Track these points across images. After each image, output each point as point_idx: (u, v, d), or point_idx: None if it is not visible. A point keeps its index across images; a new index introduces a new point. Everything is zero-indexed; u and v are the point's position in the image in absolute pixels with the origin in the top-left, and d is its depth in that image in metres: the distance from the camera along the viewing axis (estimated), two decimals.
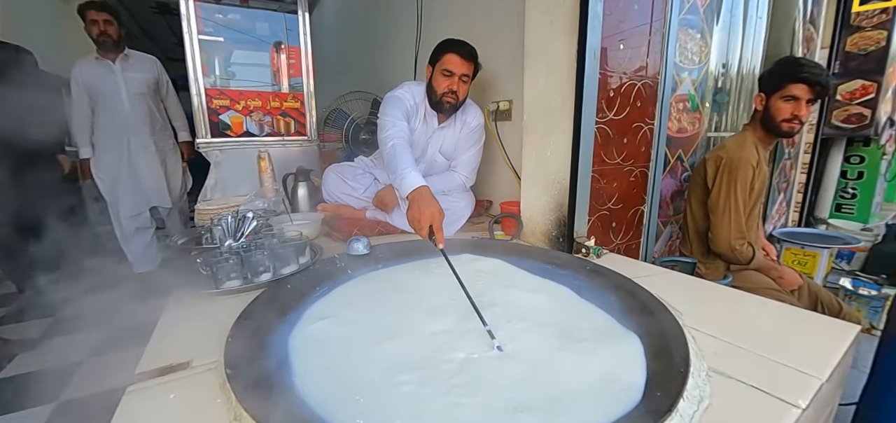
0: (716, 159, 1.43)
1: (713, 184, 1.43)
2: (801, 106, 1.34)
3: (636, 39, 1.25)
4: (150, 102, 2.43)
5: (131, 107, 2.34)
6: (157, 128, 2.49)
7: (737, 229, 1.40)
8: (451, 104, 1.46)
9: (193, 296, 0.96)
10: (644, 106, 1.34)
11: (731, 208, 1.39)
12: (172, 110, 2.63)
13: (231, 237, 1.18)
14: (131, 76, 2.34)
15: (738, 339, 0.72)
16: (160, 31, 6.17)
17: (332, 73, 4.14)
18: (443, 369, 0.64)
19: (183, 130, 2.70)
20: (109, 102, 2.31)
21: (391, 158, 1.24)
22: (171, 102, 2.61)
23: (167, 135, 2.58)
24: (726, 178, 1.39)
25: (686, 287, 1.01)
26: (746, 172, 1.38)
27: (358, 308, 0.86)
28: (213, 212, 1.68)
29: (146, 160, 2.44)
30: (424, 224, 1.00)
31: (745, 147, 1.40)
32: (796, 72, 1.33)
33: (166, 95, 2.58)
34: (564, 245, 1.24)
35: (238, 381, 0.57)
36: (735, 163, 1.38)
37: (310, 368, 0.65)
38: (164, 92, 2.56)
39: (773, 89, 1.38)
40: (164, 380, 0.64)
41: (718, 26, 1.56)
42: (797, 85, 1.33)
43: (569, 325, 0.78)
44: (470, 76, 1.47)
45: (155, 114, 2.47)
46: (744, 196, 1.39)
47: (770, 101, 1.39)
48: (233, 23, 2.16)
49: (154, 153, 2.46)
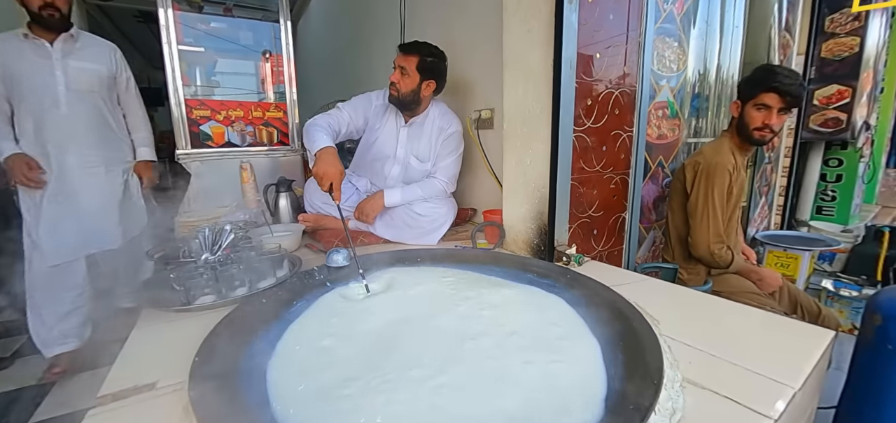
0: (694, 165, 1.45)
1: (692, 189, 1.45)
2: (771, 115, 1.35)
3: (613, 48, 1.26)
4: (102, 103, 1.74)
5: (70, 108, 1.64)
6: (109, 140, 1.79)
7: (715, 233, 1.41)
8: (393, 96, 1.55)
9: (165, 313, 0.93)
10: (623, 114, 1.35)
11: (710, 213, 1.40)
12: (133, 117, 1.89)
13: (208, 251, 1.15)
14: (75, 65, 1.65)
15: (713, 347, 0.72)
16: (145, 40, 6.11)
17: (318, 82, 4.12)
18: (416, 383, 0.63)
19: (144, 144, 1.92)
20: (38, 98, 1.60)
21: (308, 129, 1.37)
22: (132, 105, 1.87)
23: (123, 150, 1.86)
24: (704, 183, 1.40)
25: (665, 295, 1.02)
26: (723, 177, 1.39)
27: (332, 325, 0.84)
28: (193, 224, 1.65)
29: (88, 185, 1.70)
30: (326, 181, 1.17)
31: (721, 153, 1.42)
32: (768, 80, 1.34)
33: (125, 94, 1.85)
34: (546, 253, 1.24)
35: (201, 405, 0.55)
36: (712, 168, 1.39)
37: (277, 390, 0.63)
38: (122, 90, 1.84)
39: (747, 97, 1.40)
40: (127, 403, 0.62)
41: (695, 34, 1.59)
42: (769, 94, 1.34)
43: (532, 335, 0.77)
44: (410, 69, 1.50)
45: (106, 120, 1.77)
46: (721, 201, 1.40)
47: (744, 108, 1.40)
48: (216, 31, 2.14)
49: (101, 176, 1.74)
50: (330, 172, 1.17)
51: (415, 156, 1.62)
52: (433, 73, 1.54)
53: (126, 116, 1.89)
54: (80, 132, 1.68)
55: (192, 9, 2.13)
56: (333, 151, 1.24)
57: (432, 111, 1.60)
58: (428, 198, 1.55)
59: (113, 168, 1.80)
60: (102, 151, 1.75)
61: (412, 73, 1.50)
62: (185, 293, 0.99)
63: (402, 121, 1.62)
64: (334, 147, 1.26)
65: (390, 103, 1.60)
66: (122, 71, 1.82)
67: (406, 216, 1.52)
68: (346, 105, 1.59)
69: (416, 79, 1.51)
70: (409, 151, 1.62)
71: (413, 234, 1.51)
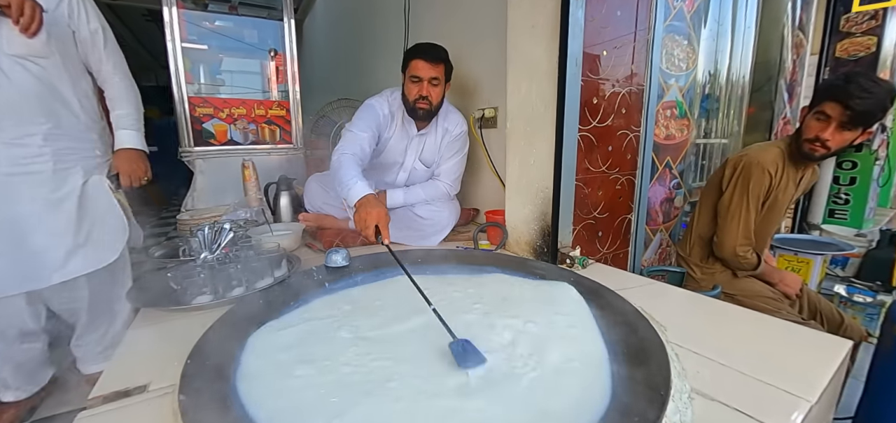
0: (735, 162, 1.36)
1: (727, 186, 1.37)
2: (827, 127, 1.18)
3: (620, 47, 1.23)
4: (54, 72, 1.20)
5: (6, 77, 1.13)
6: (63, 125, 1.24)
7: (744, 234, 1.33)
8: (424, 110, 1.43)
9: (162, 312, 0.92)
10: (629, 113, 1.31)
11: (741, 212, 1.32)
12: (111, 87, 1.35)
13: (207, 250, 1.14)
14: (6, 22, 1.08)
15: (723, 356, 0.69)
16: (153, 39, 6.16)
17: (323, 80, 4.12)
18: (412, 395, 0.61)
19: (126, 125, 1.39)
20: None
21: (337, 170, 1.27)
22: (107, 70, 1.34)
23: (86, 139, 1.31)
24: (740, 181, 1.33)
25: (672, 299, 0.99)
26: (761, 178, 1.30)
27: (326, 329, 0.82)
28: (194, 222, 1.65)
29: (17, 191, 1.17)
30: (371, 224, 1.08)
31: (767, 154, 1.32)
32: (836, 88, 1.17)
33: (95, 53, 1.30)
34: (549, 255, 1.21)
35: (189, 409, 0.54)
36: (751, 166, 1.31)
37: (272, 397, 0.61)
38: (89, 48, 1.29)
39: (813, 104, 1.25)
40: (118, 405, 0.61)
41: (706, 33, 1.55)
42: (830, 103, 1.17)
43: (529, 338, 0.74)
44: (441, 79, 1.42)
45: (60, 95, 1.23)
46: (756, 202, 1.32)
47: (807, 116, 1.27)
48: (221, 30, 2.14)
49: (44, 176, 1.20)
50: (374, 214, 1.09)
51: (421, 161, 1.58)
52: (451, 71, 1.49)
53: (103, 86, 1.35)
54: (11, 115, 1.14)
55: (196, 7, 2.13)
56: (373, 197, 1.17)
57: (439, 116, 1.54)
58: (430, 200, 1.53)
59: (67, 165, 1.23)
60: (51, 141, 1.19)
61: (442, 79, 1.43)
62: (182, 293, 0.98)
63: (414, 130, 1.53)
64: (372, 193, 1.19)
65: (407, 114, 1.49)
66: (82, 19, 1.24)
67: (407, 219, 1.50)
68: (358, 125, 1.42)
69: (443, 85, 1.45)
70: (417, 159, 1.58)
71: (414, 236, 1.49)
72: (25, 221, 1.18)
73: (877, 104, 1.13)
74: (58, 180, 1.22)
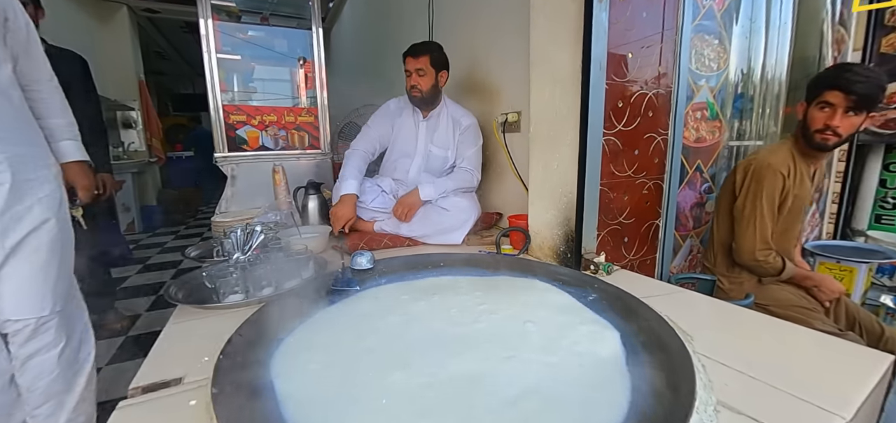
0: (746, 166, 1.35)
1: (740, 191, 1.35)
2: (835, 115, 1.21)
3: (646, 48, 1.20)
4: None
5: None
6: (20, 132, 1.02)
7: (762, 240, 1.31)
8: (416, 97, 1.65)
9: (197, 310, 0.97)
10: (657, 116, 1.28)
11: (757, 218, 1.30)
12: (49, 93, 1.15)
13: (239, 250, 1.19)
14: None
15: (753, 369, 0.66)
16: (190, 49, 6.48)
17: (349, 86, 4.22)
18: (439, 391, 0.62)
19: (71, 136, 1.23)
20: None
21: (345, 162, 1.63)
22: (47, 74, 1.14)
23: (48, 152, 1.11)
24: (753, 185, 1.31)
25: (701, 308, 0.96)
26: (774, 180, 1.29)
27: (350, 329, 0.84)
28: (227, 224, 1.72)
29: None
30: (339, 221, 1.48)
31: (776, 155, 1.31)
32: (833, 77, 1.22)
33: (39, 53, 1.11)
34: (572, 261, 1.20)
35: (221, 401, 0.57)
36: (763, 170, 1.30)
37: (298, 392, 0.64)
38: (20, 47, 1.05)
39: (812, 96, 1.28)
40: (155, 396, 0.65)
41: (738, 31, 1.49)
42: (832, 92, 1.21)
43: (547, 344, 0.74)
44: (426, 69, 1.61)
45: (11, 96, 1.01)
46: (771, 206, 1.30)
47: (808, 109, 1.29)
48: (253, 40, 2.24)
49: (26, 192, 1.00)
50: (344, 214, 1.49)
51: (434, 145, 1.71)
52: (444, 62, 1.67)
53: (30, 94, 1.09)
54: None
55: (231, 19, 2.23)
56: (352, 198, 1.53)
57: (445, 105, 1.73)
58: (458, 188, 1.61)
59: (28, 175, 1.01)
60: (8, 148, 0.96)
61: (428, 69, 1.62)
62: (216, 291, 1.03)
63: (421, 117, 1.73)
64: (354, 195, 1.54)
65: (411, 104, 1.72)
66: (16, 9, 1.04)
67: (432, 212, 1.55)
68: (371, 122, 1.75)
69: (432, 74, 1.63)
70: (429, 143, 1.72)
71: (437, 229, 1.53)
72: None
73: (876, 86, 1.20)
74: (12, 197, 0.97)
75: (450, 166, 1.73)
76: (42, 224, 1.03)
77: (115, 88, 4.48)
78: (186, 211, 5.70)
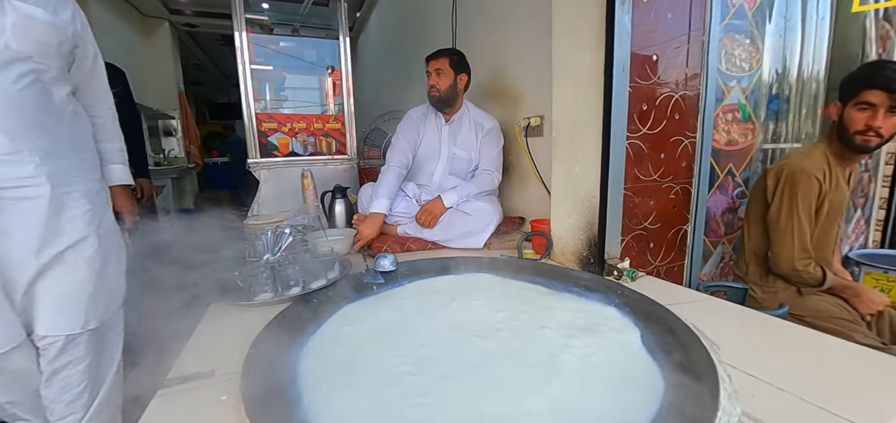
0: (777, 171, 1.30)
1: (773, 198, 1.30)
2: (877, 116, 1.16)
3: (672, 49, 1.18)
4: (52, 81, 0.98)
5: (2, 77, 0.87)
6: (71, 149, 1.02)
7: (801, 248, 1.25)
8: (435, 97, 1.70)
9: (230, 307, 1.02)
10: (684, 118, 1.25)
11: (794, 226, 1.25)
12: (100, 116, 1.16)
13: (269, 251, 1.25)
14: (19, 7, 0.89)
15: (783, 380, 0.64)
16: (226, 60, 6.80)
17: (375, 93, 4.30)
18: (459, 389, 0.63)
19: (121, 160, 1.23)
20: None
21: (380, 177, 1.67)
22: (99, 97, 1.15)
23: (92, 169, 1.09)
24: (787, 192, 1.26)
25: (729, 317, 0.92)
26: (809, 186, 1.23)
27: (374, 327, 0.87)
28: (259, 227, 1.80)
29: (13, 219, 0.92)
30: (363, 238, 1.51)
31: (810, 159, 1.26)
32: (871, 75, 1.17)
33: (90, 79, 1.11)
34: (595, 266, 1.18)
35: (249, 393, 0.60)
36: (796, 175, 1.25)
37: (322, 386, 0.66)
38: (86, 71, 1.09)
39: (848, 96, 1.22)
40: (189, 386, 0.69)
41: (771, 29, 1.43)
42: (872, 91, 1.16)
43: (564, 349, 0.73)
44: (444, 69, 1.66)
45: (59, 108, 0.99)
46: (808, 212, 1.25)
47: (845, 110, 1.23)
48: (284, 50, 2.33)
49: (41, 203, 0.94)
50: (367, 233, 1.53)
51: (457, 148, 1.74)
52: (463, 66, 1.71)
53: (90, 114, 1.12)
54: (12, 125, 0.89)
55: (263, 31, 2.34)
56: (380, 218, 1.57)
57: (467, 109, 1.76)
58: (480, 192, 1.63)
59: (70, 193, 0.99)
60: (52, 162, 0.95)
61: (447, 70, 1.67)
62: (247, 290, 1.09)
63: (443, 120, 1.77)
64: (382, 215, 1.58)
65: (432, 106, 1.77)
66: (87, 40, 1.07)
67: (454, 217, 1.56)
68: (399, 136, 1.78)
69: (451, 75, 1.67)
70: (452, 145, 1.75)
71: (459, 233, 1.54)
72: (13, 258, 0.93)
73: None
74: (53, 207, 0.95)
75: (473, 168, 1.75)
76: (81, 240, 1.00)
77: (157, 98, 4.75)
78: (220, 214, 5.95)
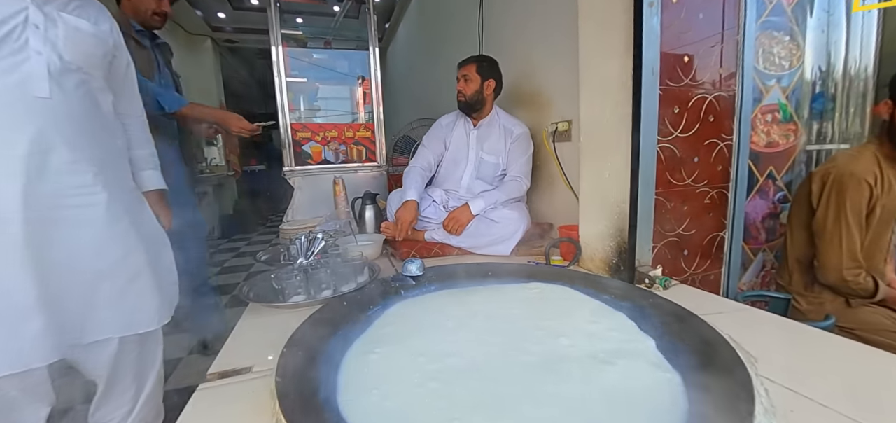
0: (823, 175, 1.23)
1: (819, 203, 1.23)
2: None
3: (704, 50, 1.14)
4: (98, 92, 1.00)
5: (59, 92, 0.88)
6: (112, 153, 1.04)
7: (850, 256, 1.18)
8: (461, 101, 1.76)
9: (266, 308, 1.08)
10: (719, 120, 1.21)
11: (842, 233, 1.18)
12: (134, 124, 1.17)
13: (303, 255, 1.30)
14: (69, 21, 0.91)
15: (826, 397, 0.61)
16: (264, 73, 7.14)
17: (403, 102, 4.38)
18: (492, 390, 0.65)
19: (154, 166, 1.25)
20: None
21: (405, 177, 1.77)
22: (133, 105, 1.17)
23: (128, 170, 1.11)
24: (835, 197, 1.19)
25: (769, 328, 0.88)
26: (859, 190, 1.16)
27: (402, 330, 0.89)
28: (293, 232, 1.87)
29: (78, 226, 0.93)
30: (404, 222, 1.59)
31: (859, 161, 1.19)
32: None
33: (124, 87, 1.13)
34: (625, 274, 1.16)
35: (283, 389, 0.63)
36: (844, 179, 1.18)
37: (352, 385, 0.69)
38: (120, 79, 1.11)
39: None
40: (228, 382, 0.73)
41: (813, 24, 1.36)
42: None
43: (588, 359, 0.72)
44: (471, 75, 1.71)
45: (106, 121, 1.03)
46: (857, 219, 1.17)
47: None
48: (318, 62, 2.44)
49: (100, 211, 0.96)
50: (407, 217, 1.60)
51: (485, 152, 1.75)
52: (491, 72, 1.73)
53: (123, 121, 1.12)
54: (71, 135, 0.90)
55: (298, 45, 2.45)
56: (415, 204, 1.64)
57: (497, 114, 1.79)
58: (508, 198, 1.64)
59: (120, 200, 1.02)
60: (106, 170, 0.98)
61: (473, 76, 1.71)
62: (282, 292, 1.14)
63: (471, 125, 1.81)
64: (416, 202, 1.65)
65: (460, 110, 1.82)
66: (121, 48, 1.09)
67: (481, 224, 1.57)
68: (426, 142, 1.88)
69: (477, 81, 1.71)
70: (480, 150, 1.77)
71: (486, 240, 1.55)
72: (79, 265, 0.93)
73: None
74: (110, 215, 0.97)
75: (501, 172, 1.76)
76: (133, 245, 1.03)
77: None
78: (257, 219, 6.23)
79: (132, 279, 1.02)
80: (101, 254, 0.96)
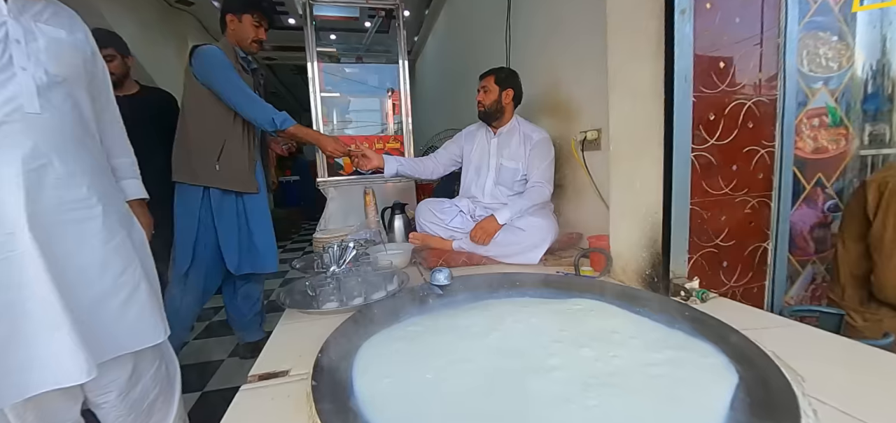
0: (880, 183, 1.15)
1: (876, 214, 1.15)
2: None
3: (742, 55, 1.10)
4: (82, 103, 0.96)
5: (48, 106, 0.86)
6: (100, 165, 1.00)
7: None
8: (480, 110, 1.82)
9: (301, 314, 1.12)
10: (759, 126, 1.16)
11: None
12: (116, 134, 1.12)
13: (335, 264, 1.35)
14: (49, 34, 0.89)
15: (884, 419, 0.57)
16: (299, 89, 7.46)
17: (432, 113, 4.45)
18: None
19: (134, 175, 1.20)
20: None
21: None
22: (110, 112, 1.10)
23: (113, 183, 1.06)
24: (893, 206, 1.11)
25: (819, 346, 0.83)
26: None
27: (431, 340, 0.90)
28: (326, 240, 1.94)
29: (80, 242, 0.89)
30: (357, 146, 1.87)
31: None
32: None
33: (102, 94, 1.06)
34: (660, 286, 1.12)
35: (319, 392, 0.66)
36: None
37: (382, 389, 0.71)
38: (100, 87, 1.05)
39: None
40: (268, 384, 0.77)
41: (865, 19, 1.27)
42: None
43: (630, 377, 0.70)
44: (489, 87, 1.77)
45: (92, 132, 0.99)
46: None
47: None
48: (350, 76, 2.53)
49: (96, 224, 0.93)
50: (360, 149, 1.88)
51: (505, 159, 1.78)
52: (509, 82, 1.78)
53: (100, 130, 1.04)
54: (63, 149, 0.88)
55: (331, 61, 2.55)
56: (380, 158, 1.89)
57: (517, 122, 1.82)
58: (533, 205, 1.64)
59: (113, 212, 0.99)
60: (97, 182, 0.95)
61: (491, 87, 1.77)
62: (316, 299, 1.18)
63: (492, 133, 1.85)
64: (383, 161, 1.89)
65: (480, 120, 1.87)
66: (97, 55, 1.05)
67: (508, 233, 1.57)
68: (446, 145, 2.00)
69: (496, 91, 1.77)
70: (500, 157, 1.80)
71: (514, 249, 1.55)
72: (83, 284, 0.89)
73: None
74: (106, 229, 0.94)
75: (521, 177, 1.76)
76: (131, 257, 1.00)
77: None
78: (292, 228, 6.45)
79: (133, 292, 0.98)
80: (106, 268, 0.93)
